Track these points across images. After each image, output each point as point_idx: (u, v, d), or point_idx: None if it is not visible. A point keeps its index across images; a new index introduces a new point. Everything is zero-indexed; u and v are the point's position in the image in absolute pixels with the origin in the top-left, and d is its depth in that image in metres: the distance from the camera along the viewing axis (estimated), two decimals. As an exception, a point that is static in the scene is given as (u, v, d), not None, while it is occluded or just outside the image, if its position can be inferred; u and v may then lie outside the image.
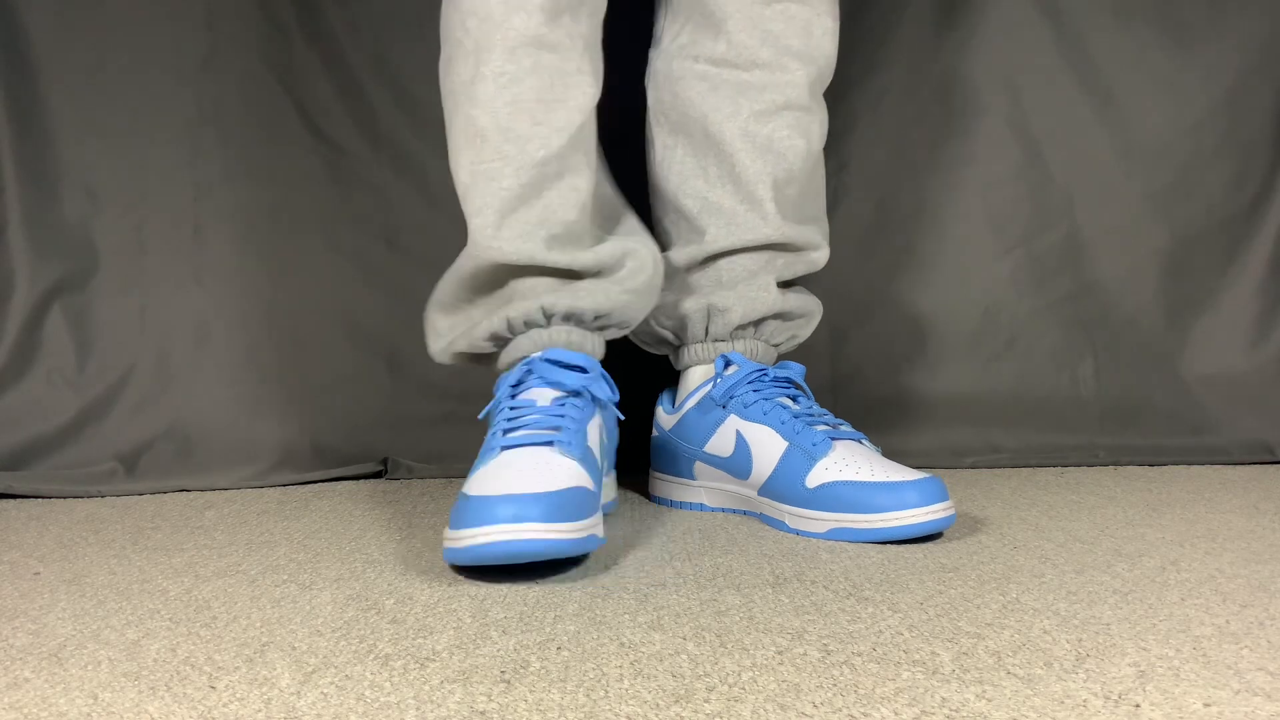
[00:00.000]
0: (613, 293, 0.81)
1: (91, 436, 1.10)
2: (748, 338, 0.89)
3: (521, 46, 0.76)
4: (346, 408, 1.14)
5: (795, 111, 0.86)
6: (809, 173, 0.88)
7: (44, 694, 0.47)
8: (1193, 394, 1.15)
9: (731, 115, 0.86)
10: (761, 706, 0.44)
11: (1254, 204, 1.18)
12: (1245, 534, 0.75)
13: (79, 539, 0.81)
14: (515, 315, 0.79)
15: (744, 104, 0.86)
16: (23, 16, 1.13)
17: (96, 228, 1.14)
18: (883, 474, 0.75)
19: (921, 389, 1.16)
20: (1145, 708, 0.43)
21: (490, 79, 0.76)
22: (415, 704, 0.45)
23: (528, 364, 0.77)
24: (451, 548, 0.64)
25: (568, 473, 0.68)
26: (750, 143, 0.86)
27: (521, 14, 0.76)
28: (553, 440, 0.70)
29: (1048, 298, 1.18)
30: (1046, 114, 1.18)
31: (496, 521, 0.62)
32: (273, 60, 1.15)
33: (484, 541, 0.62)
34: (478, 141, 0.77)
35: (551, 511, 0.63)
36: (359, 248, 1.17)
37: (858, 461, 0.77)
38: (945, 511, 0.74)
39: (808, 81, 0.86)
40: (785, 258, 0.89)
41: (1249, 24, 1.17)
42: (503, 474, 0.66)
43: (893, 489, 0.74)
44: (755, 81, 0.85)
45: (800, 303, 0.91)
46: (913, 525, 0.73)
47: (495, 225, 0.78)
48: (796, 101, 0.86)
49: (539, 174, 0.77)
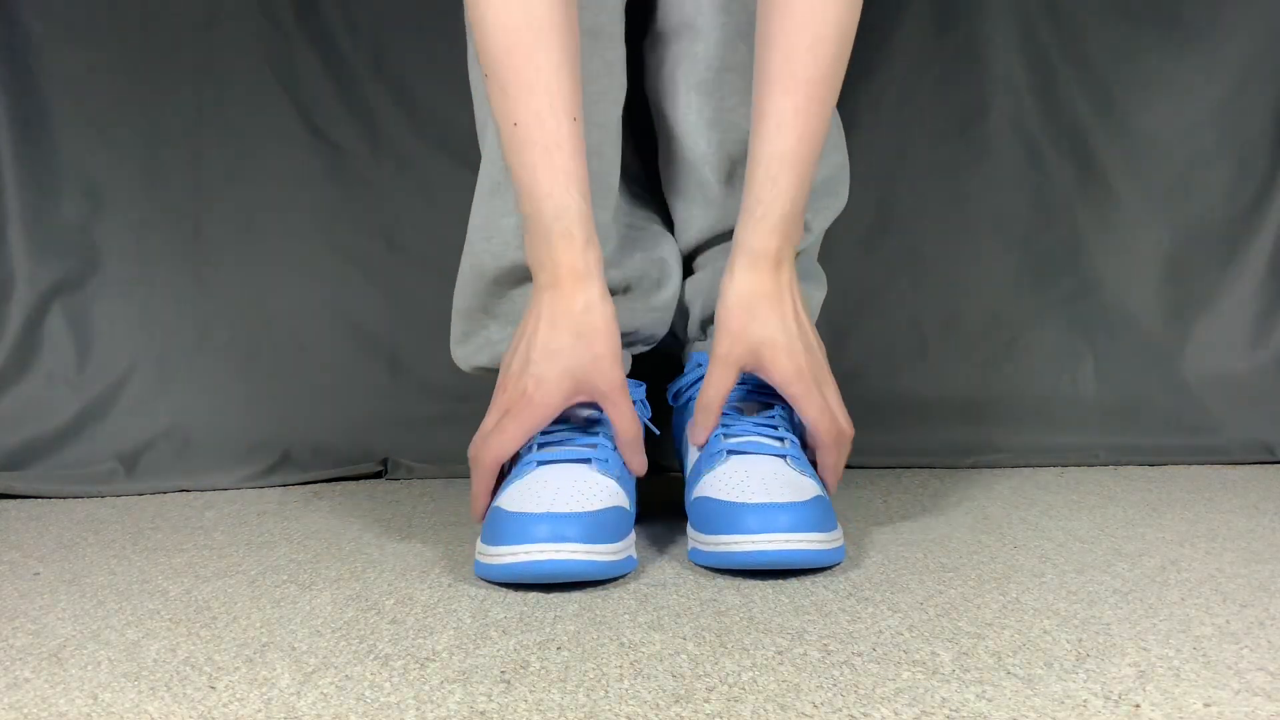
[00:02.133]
0: (638, 311, 0.79)
1: (91, 436, 1.10)
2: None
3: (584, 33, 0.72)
4: (346, 408, 1.14)
5: (735, 72, 0.75)
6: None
7: (44, 694, 0.47)
8: (1193, 394, 1.15)
9: (672, 94, 0.77)
10: (761, 706, 0.44)
11: (1254, 204, 1.18)
12: (1245, 534, 0.75)
13: (79, 539, 0.81)
14: None
15: (680, 78, 0.76)
16: (23, 17, 1.13)
17: (96, 228, 1.14)
18: (754, 495, 0.64)
19: (921, 389, 1.16)
20: (1145, 708, 0.43)
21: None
22: (415, 704, 0.45)
23: None
24: (488, 563, 0.63)
25: (607, 492, 0.66)
26: (696, 120, 0.76)
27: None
28: (590, 458, 0.68)
29: (1048, 298, 1.18)
30: (1046, 114, 1.18)
31: (535, 540, 0.61)
32: (273, 60, 1.15)
33: (524, 560, 0.61)
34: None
35: (592, 532, 0.62)
36: (359, 248, 1.17)
37: (742, 479, 0.66)
38: (801, 544, 0.62)
39: (738, 32, 0.74)
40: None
41: (1249, 24, 1.17)
42: (541, 491, 0.65)
43: (746, 511, 0.64)
44: (688, 50, 0.76)
45: None
46: (751, 554, 0.62)
47: (517, 234, 0.74)
48: (733, 61, 0.75)
49: None
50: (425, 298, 1.15)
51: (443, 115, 1.16)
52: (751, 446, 0.70)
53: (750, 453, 0.70)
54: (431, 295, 1.13)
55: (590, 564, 0.62)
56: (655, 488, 0.99)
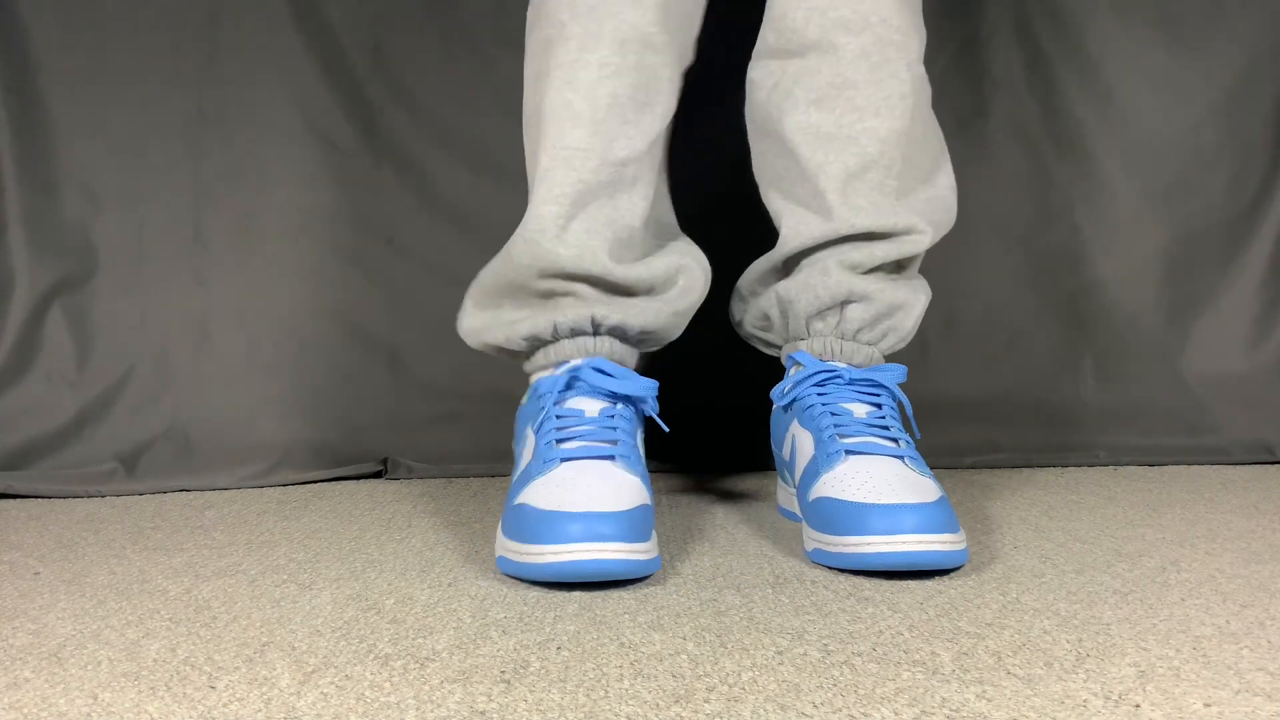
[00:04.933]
0: (663, 313, 0.80)
1: (91, 436, 1.09)
2: (826, 334, 0.80)
3: (631, 41, 0.75)
4: (346, 408, 1.14)
5: (856, 89, 0.77)
6: (895, 151, 0.78)
7: (44, 694, 0.47)
8: (1193, 394, 1.15)
9: (790, 109, 0.79)
10: (761, 706, 0.44)
11: (1254, 204, 1.18)
12: (1245, 534, 0.75)
13: (79, 539, 0.81)
14: (563, 321, 0.76)
15: (800, 93, 0.78)
16: (23, 16, 1.13)
17: (96, 228, 1.14)
18: (880, 495, 0.66)
19: (921, 389, 1.16)
20: (1145, 708, 0.43)
21: (595, 66, 0.74)
22: (415, 704, 0.45)
23: (574, 371, 0.74)
24: (525, 562, 0.63)
25: (635, 490, 0.66)
26: (811, 134, 0.78)
27: (637, 9, 0.74)
28: (614, 455, 0.69)
29: (1048, 298, 1.18)
30: (1046, 114, 1.18)
31: (575, 540, 0.61)
32: (273, 60, 1.15)
33: (566, 560, 0.61)
34: (568, 126, 0.75)
35: (627, 530, 0.62)
36: (359, 248, 1.17)
37: (864, 479, 0.67)
38: (929, 545, 0.63)
39: (862, 52, 0.77)
40: (865, 247, 0.79)
41: (1249, 24, 1.17)
42: (573, 489, 0.65)
43: (871, 512, 0.64)
44: (810, 66, 0.78)
45: (886, 288, 0.79)
46: (880, 554, 0.63)
47: (565, 216, 0.75)
48: (855, 78, 0.77)
49: (618, 174, 0.76)
50: (425, 298, 1.15)
51: (443, 115, 1.16)
52: (869, 447, 0.70)
53: (868, 453, 0.70)
54: (431, 295, 1.13)
55: (629, 563, 0.62)
56: (655, 488, 0.99)
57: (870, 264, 0.79)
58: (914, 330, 0.82)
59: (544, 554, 0.61)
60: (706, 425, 1.15)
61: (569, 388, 0.74)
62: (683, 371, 0.99)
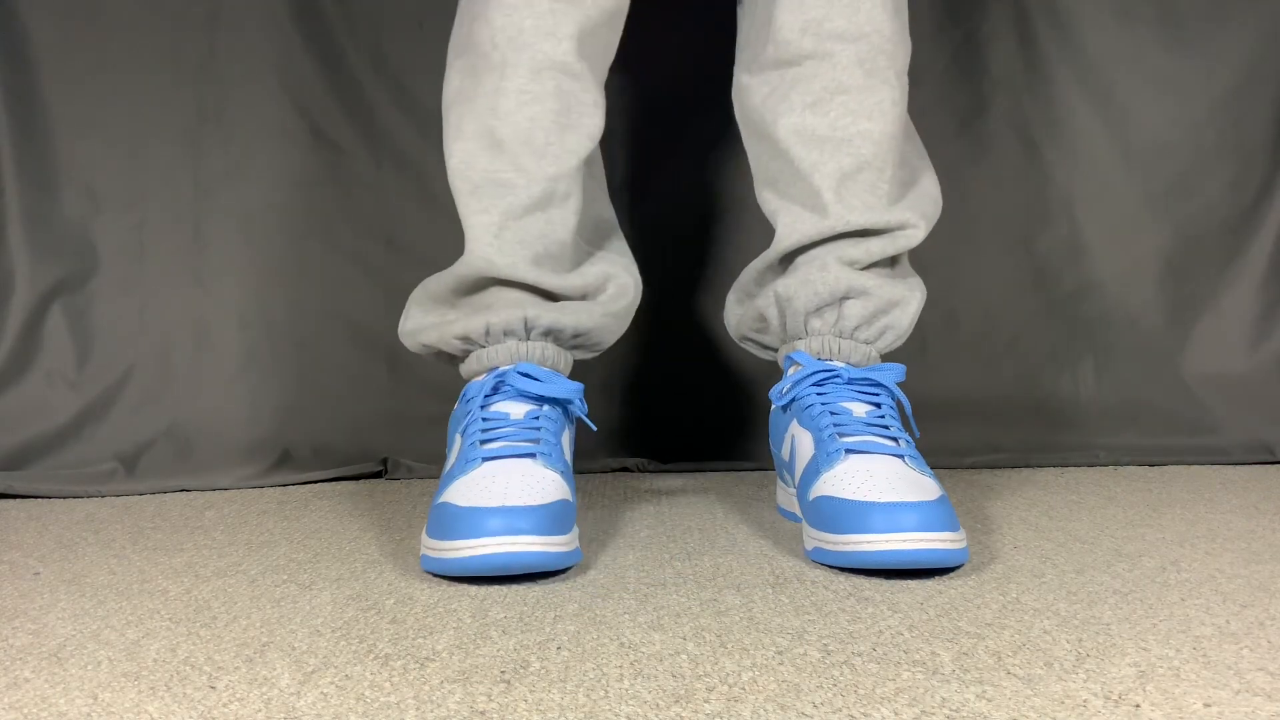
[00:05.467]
0: (595, 314, 0.82)
1: (91, 436, 1.09)
2: (824, 333, 0.81)
3: (547, 70, 0.78)
4: (346, 408, 1.14)
5: (849, 94, 0.80)
6: (887, 154, 0.81)
7: (44, 694, 0.47)
8: (1193, 394, 1.15)
9: (785, 112, 0.82)
10: (761, 706, 0.44)
11: (1254, 204, 1.18)
12: (1245, 534, 0.75)
13: (79, 539, 0.81)
14: (496, 322, 0.78)
15: (796, 98, 0.81)
16: (23, 16, 1.13)
17: (96, 228, 1.14)
18: (881, 494, 0.66)
19: (921, 389, 1.16)
20: (1145, 708, 0.43)
21: (513, 94, 0.78)
22: (415, 704, 0.45)
23: (500, 375, 0.76)
24: (440, 558, 0.65)
25: (554, 485, 0.68)
26: (806, 136, 0.81)
27: (552, 40, 0.78)
28: (534, 453, 0.71)
29: (1048, 298, 1.18)
30: (1046, 114, 1.18)
31: (490, 534, 0.63)
32: (273, 60, 1.15)
33: (481, 553, 0.63)
34: (495, 150, 0.79)
35: (544, 524, 0.64)
36: (359, 248, 1.17)
37: (864, 478, 0.67)
38: (930, 543, 0.63)
39: (856, 59, 0.80)
40: (862, 244, 0.80)
41: (1249, 24, 1.17)
42: (491, 485, 0.67)
43: (872, 511, 0.65)
44: (806, 73, 0.81)
45: (884, 284, 0.80)
46: (881, 553, 0.63)
47: (496, 233, 0.79)
48: (849, 84, 0.80)
49: (548, 190, 0.79)
50: (425, 298, 1.15)
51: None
52: (869, 446, 0.71)
53: (868, 452, 0.70)
54: (431, 295, 1.13)
55: (545, 555, 0.64)
56: (653, 487, 0.99)
57: (867, 260, 0.80)
58: (910, 328, 0.83)
59: (460, 549, 0.63)
60: (706, 425, 1.15)
61: (495, 392, 0.76)
62: (682, 371, 0.99)
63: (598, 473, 1.08)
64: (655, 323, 1.10)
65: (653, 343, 1.14)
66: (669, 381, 1.15)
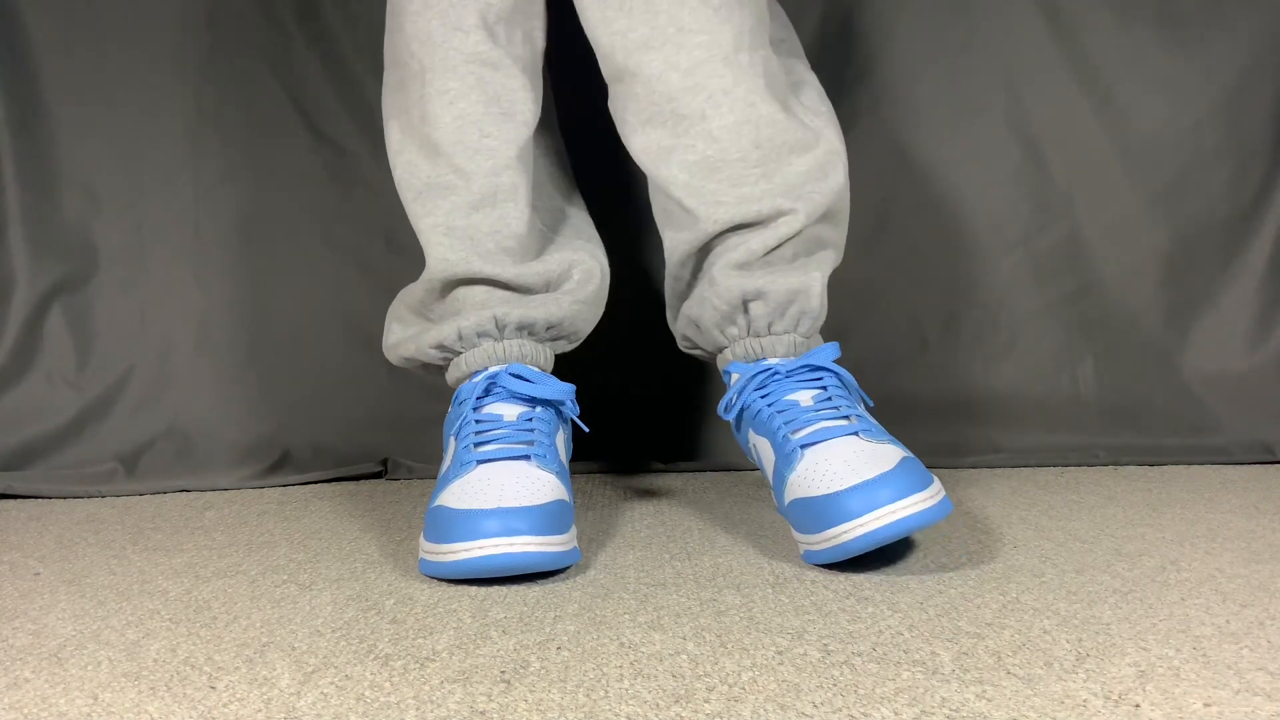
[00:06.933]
0: (564, 303, 0.81)
1: (91, 436, 1.10)
2: (742, 338, 0.79)
3: (463, 64, 0.78)
4: (346, 408, 1.14)
5: (675, 101, 0.76)
6: (744, 142, 0.76)
7: (44, 694, 0.47)
8: (1193, 394, 1.15)
9: (630, 133, 0.80)
10: (761, 706, 0.44)
11: (1254, 204, 1.18)
12: (1245, 534, 0.75)
13: (79, 539, 0.81)
14: (467, 325, 0.78)
15: (631, 118, 0.79)
16: (23, 17, 1.13)
17: (96, 228, 1.14)
18: (845, 480, 0.65)
19: (921, 389, 1.16)
20: (1145, 708, 0.43)
21: (435, 97, 0.78)
22: (415, 704, 0.45)
23: (491, 377, 0.76)
24: (439, 561, 0.65)
25: (550, 486, 0.68)
26: (653, 151, 0.78)
27: (459, 34, 0.78)
28: (529, 454, 0.71)
29: (1048, 298, 1.18)
30: (1046, 114, 1.18)
31: (487, 535, 0.63)
32: (273, 60, 1.15)
33: (478, 555, 0.63)
34: (433, 156, 0.79)
35: (541, 524, 0.64)
36: (358, 247, 1.17)
37: (824, 469, 0.66)
38: (907, 510, 0.62)
39: (667, 65, 0.76)
40: (742, 244, 0.78)
41: (1249, 24, 1.17)
42: (486, 487, 0.67)
43: (841, 499, 0.64)
44: (630, 90, 0.78)
45: (777, 279, 0.77)
46: (863, 536, 0.62)
47: (446, 232, 0.79)
48: (668, 91, 0.76)
49: (491, 185, 0.79)
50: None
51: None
52: (821, 435, 0.69)
53: (822, 440, 0.69)
54: (431, 295, 1.13)
55: (543, 555, 0.64)
56: (653, 487, 0.99)
57: (752, 258, 0.77)
58: (823, 304, 0.79)
59: (458, 551, 0.63)
60: (706, 425, 1.15)
61: (487, 394, 0.76)
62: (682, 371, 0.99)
63: (597, 473, 1.08)
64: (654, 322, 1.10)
65: (651, 342, 1.14)
66: (668, 381, 1.15)
